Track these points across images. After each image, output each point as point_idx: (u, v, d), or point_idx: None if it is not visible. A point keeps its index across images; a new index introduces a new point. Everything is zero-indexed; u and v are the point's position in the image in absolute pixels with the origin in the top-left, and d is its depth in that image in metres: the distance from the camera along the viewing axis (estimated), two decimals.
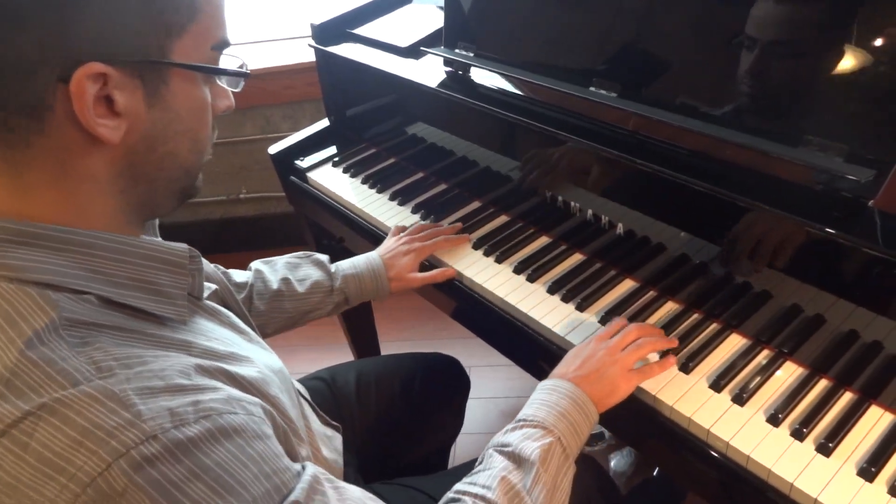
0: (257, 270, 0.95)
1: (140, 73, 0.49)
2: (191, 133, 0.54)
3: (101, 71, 0.46)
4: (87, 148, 0.49)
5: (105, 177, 0.51)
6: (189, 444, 0.44)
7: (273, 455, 0.49)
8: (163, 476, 0.43)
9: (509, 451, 0.66)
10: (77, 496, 0.42)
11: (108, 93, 0.47)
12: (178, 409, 0.45)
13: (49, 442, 0.42)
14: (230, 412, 0.47)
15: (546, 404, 0.70)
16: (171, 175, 0.55)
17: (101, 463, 0.42)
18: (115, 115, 0.48)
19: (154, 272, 0.53)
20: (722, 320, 0.84)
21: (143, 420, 0.43)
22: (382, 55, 1.20)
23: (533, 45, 1.00)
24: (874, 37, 0.67)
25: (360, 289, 0.98)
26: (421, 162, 1.25)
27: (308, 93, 1.91)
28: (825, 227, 0.68)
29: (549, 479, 0.65)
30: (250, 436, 0.48)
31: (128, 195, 0.53)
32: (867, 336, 0.74)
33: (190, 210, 2.23)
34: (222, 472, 0.45)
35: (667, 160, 0.81)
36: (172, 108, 0.51)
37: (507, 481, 0.62)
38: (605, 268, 0.95)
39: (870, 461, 0.66)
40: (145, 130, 0.50)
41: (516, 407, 1.65)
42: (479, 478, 0.64)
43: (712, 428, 0.72)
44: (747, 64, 0.76)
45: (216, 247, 2.22)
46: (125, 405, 0.43)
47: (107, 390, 0.44)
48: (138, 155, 0.51)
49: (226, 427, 0.46)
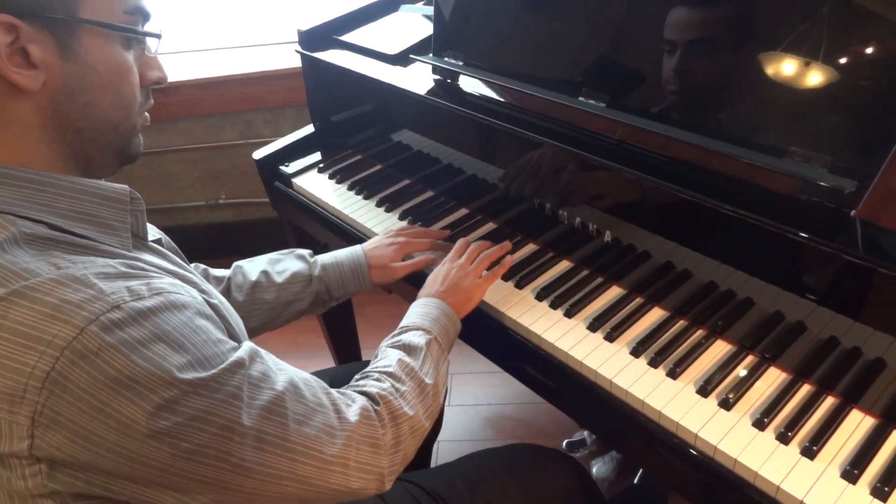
0: (237, 266, 0.98)
1: (49, 28, 0.53)
2: (111, 88, 0.58)
3: (10, 22, 0.51)
4: (11, 95, 0.54)
5: (34, 123, 0.56)
6: (148, 311, 0.52)
7: (214, 329, 0.57)
8: (130, 336, 0.50)
9: (401, 344, 0.79)
10: (56, 359, 0.48)
11: (22, 45, 0.52)
12: (134, 287, 0.53)
13: (23, 318, 0.49)
14: (176, 292, 0.55)
15: (421, 315, 0.85)
16: (97, 126, 0.59)
17: (75, 329, 0.48)
18: (32, 66, 0.54)
19: (97, 207, 0.58)
20: (707, 326, 0.85)
21: (106, 294, 0.50)
22: (370, 62, 1.20)
23: (521, 56, 1.01)
24: (855, 54, 0.70)
25: (340, 278, 0.99)
26: (407, 169, 1.25)
27: (290, 98, 1.90)
28: (808, 234, 0.70)
29: (432, 361, 0.79)
30: (194, 312, 0.56)
31: (59, 144, 0.58)
32: (847, 342, 0.76)
33: (168, 215, 2.19)
34: (179, 335, 0.53)
35: (654, 169, 0.83)
36: (87, 62, 0.56)
37: (403, 361, 0.76)
38: (592, 275, 0.97)
39: (852, 463, 0.68)
40: (63, 81, 0.55)
41: (498, 414, 1.66)
42: (379, 363, 0.76)
43: (700, 432, 0.73)
44: (735, 79, 0.78)
45: (195, 253, 2.18)
46: (88, 284, 0.50)
47: (70, 275, 0.51)
48: (61, 105, 0.56)
49: (175, 301, 0.54)
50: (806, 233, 0.70)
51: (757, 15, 0.77)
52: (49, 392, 0.48)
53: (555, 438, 1.49)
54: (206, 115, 1.98)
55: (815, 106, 0.73)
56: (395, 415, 0.69)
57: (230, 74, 1.84)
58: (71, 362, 0.48)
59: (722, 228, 0.80)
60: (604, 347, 0.85)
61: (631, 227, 0.92)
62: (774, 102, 0.76)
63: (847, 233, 0.69)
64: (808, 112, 0.74)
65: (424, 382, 0.75)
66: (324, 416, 0.62)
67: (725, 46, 0.79)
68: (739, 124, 0.79)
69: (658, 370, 0.81)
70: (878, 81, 0.69)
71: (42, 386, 0.48)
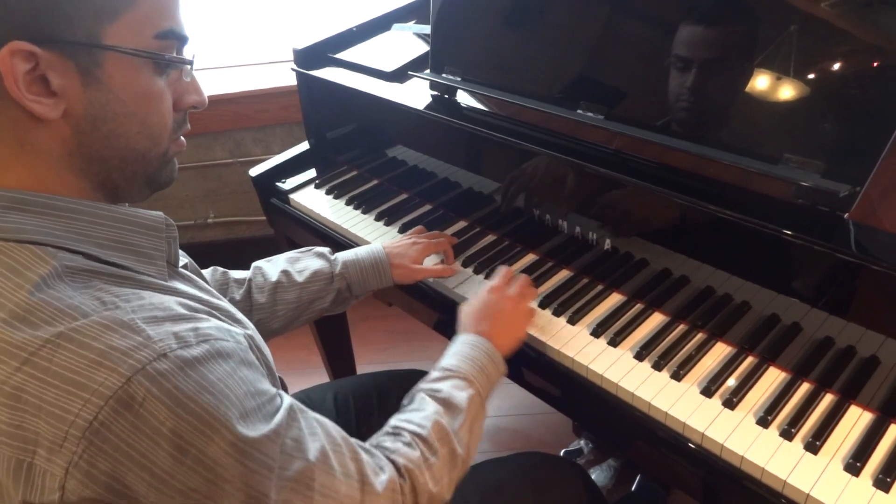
0: (256, 266, 0.96)
1: (71, 55, 0.51)
2: (137, 117, 0.56)
3: (28, 49, 0.49)
4: (33, 123, 0.52)
5: (60, 152, 0.54)
6: (194, 361, 0.50)
7: (257, 378, 0.56)
8: (175, 387, 0.49)
9: (441, 398, 0.74)
10: (100, 408, 0.47)
11: (42, 73, 0.50)
12: (182, 333, 0.51)
13: (69, 364, 0.47)
14: (223, 339, 0.54)
15: (469, 359, 0.80)
16: (123, 156, 0.57)
17: (121, 378, 0.47)
18: (52, 95, 0.51)
19: (134, 235, 0.58)
20: (707, 330, 0.88)
21: (153, 342, 0.49)
22: (367, 79, 1.23)
23: (517, 71, 1.04)
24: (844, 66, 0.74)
25: (361, 274, 0.98)
26: (404, 183, 1.27)
27: (281, 117, 1.91)
28: (803, 236, 0.73)
29: (469, 423, 0.74)
30: (238, 360, 0.54)
31: (87, 173, 0.56)
32: (841, 342, 0.79)
33: None
34: (223, 387, 0.51)
35: (653, 178, 0.86)
36: (111, 89, 0.54)
37: (440, 423, 0.71)
38: (592, 283, 0.99)
39: (854, 457, 0.70)
40: (85, 109, 0.53)
41: (495, 426, 1.67)
42: (415, 416, 0.72)
43: (707, 431, 0.75)
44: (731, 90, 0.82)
45: None
46: (136, 330, 0.49)
47: (117, 319, 0.49)
48: (84, 134, 0.54)
49: (221, 350, 0.53)
50: (801, 235, 0.73)
51: (751, 32, 0.80)
52: (88, 442, 0.47)
53: (552, 448, 1.50)
54: (196, 133, 1.98)
55: (809, 115, 0.77)
56: (419, 490, 0.67)
57: (221, 94, 1.85)
58: (114, 411, 0.47)
59: (723, 236, 0.83)
60: (608, 353, 0.87)
61: (631, 236, 0.95)
62: (769, 113, 0.80)
63: (841, 234, 0.73)
64: (801, 121, 0.77)
65: (456, 452, 0.71)
66: (349, 487, 0.60)
67: (725, 61, 0.83)
68: (736, 134, 0.83)
69: (662, 373, 0.83)
70: (866, 91, 0.72)
71: (82, 436, 0.47)
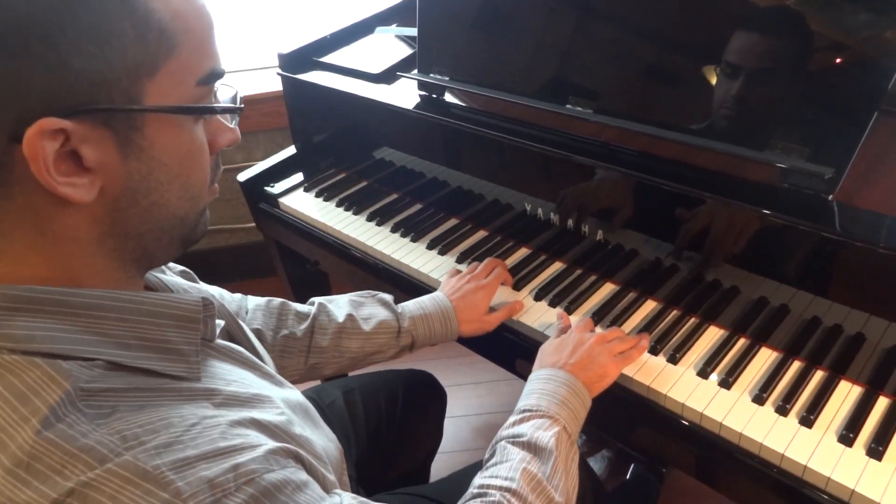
0: (320, 304, 0.90)
1: (106, 123, 0.43)
2: (179, 180, 0.49)
3: (58, 126, 0.41)
4: (60, 209, 0.44)
5: (89, 236, 0.47)
6: None
7: (314, 499, 0.48)
8: None
9: (524, 442, 0.67)
10: None
11: (73, 147, 0.42)
12: (218, 480, 0.42)
13: None
14: (269, 470, 0.45)
15: (547, 394, 0.73)
16: (162, 226, 0.50)
17: None
18: (86, 171, 0.44)
19: (163, 329, 0.49)
20: (699, 314, 0.91)
21: (184, 499, 0.40)
22: (354, 81, 1.24)
23: (504, 69, 1.06)
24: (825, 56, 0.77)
25: (428, 331, 0.91)
26: (393, 183, 1.28)
27: (262, 123, 1.91)
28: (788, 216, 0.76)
29: (562, 465, 0.67)
30: (292, 490, 0.46)
31: (120, 252, 0.49)
32: (828, 321, 0.82)
33: None
34: None
35: (643, 167, 0.89)
36: (153, 156, 0.46)
37: (529, 472, 0.64)
38: (585, 273, 1.01)
39: (847, 428, 0.73)
40: (124, 183, 0.46)
41: (487, 423, 1.68)
42: (500, 470, 0.64)
43: (705, 411, 0.78)
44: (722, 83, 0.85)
45: None
46: (161, 484, 0.40)
47: (138, 469, 0.40)
48: (121, 212, 0.47)
49: (268, 487, 0.44)
50: (787, 216, 0.76)
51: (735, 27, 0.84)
52: None
53: None
54: None
55: (793, 104, 0.80)
56: None
57: None
58: None
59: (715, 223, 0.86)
60: None
61: (623, 227, 0.97)
62: (755, 102, 0.83)
63: (826, 214, 0.76)
64: (786, 110, 0.81)
65: (554, 501, 0.64)
66: None
67: (710, 54, 0.86)
68: (722, 123, 0.86)
69: (659, 357, 0.86)
70: (847, 80, 0.76)
71: None
